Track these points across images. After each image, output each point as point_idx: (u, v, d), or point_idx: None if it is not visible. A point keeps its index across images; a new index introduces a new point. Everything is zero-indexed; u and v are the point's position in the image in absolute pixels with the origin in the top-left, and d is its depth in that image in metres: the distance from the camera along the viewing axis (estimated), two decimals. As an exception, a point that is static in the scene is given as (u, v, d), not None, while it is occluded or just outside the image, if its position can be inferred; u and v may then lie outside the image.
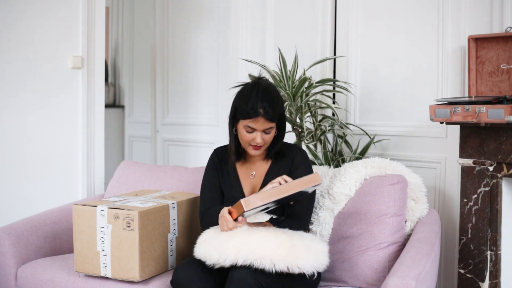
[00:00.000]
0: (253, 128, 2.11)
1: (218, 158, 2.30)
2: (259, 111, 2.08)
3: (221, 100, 3.74)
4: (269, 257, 1.91)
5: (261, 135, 2.12)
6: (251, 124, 2.10)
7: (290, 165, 2.22)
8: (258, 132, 2.11)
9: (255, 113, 2.08)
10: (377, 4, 2.94)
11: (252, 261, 1.91)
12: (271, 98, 2.11)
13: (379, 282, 2.23)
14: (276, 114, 2.10)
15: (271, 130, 2.13)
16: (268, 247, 1.92)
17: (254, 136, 2.12)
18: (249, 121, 2.10)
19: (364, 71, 2.99)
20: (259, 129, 2.11)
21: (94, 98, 3.14)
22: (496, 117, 2.19)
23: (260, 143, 2.12)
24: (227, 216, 2.00)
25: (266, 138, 2.14)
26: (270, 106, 2.09)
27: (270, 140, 2.16)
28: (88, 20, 3.09)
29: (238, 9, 3.44)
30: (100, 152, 3.18)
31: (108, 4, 4.81)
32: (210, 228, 2.12)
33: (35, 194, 2.97)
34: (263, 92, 2.11)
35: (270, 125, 2.11)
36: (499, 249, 2.38)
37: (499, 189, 2.35)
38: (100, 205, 2.20)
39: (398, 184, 2.32)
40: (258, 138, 2.11)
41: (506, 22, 2.47)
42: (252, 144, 2.14)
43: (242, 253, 1.92)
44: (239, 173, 2.27)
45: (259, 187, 2.23)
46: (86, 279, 2.23)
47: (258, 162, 2.27)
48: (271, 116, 2.09)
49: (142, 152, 4.76)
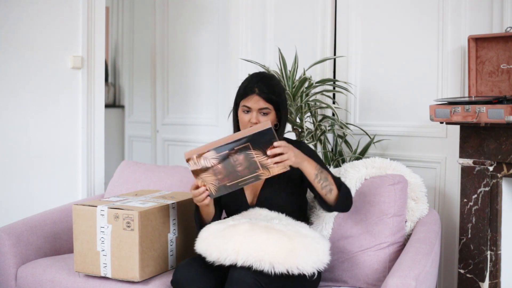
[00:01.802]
0: (248, 108, 2.15)
1: None
2: (254, 89, 2.14)
3: (221, 100, 3.74)
4: (268, 260, 1.90)
5: (256, 115, 2.14)
6: (246, 102, 2.15)
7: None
8: (253, 111, 2.15)
9: (251, 91, 2.14)
10: (377, 4, 2.94)
11: (251, 263, 1.91)
12: (269, 82, 2.18)
13: (379, 282, 2.23)
14: (272, 96, 2.14)
15: (268, 113, 2.15)
16: (268, 250, 1.91)
17: (249, 117, 2.15)
18: (245, 100, 2.16)
19: (364, 71, 2.99)
20: (254, 107, 2.14)
21: (94, 98, 3.14)
22: (496, 117, 2.19)
23: (254, 122, 2.14)
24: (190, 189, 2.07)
25: (262, 120, 2.15)
26: (266, 87, 2.14)
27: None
28: (88, 20, 3.09)
29: (238, 9, 3.44)
30: (100, 152, 3.18)
31: (108, 4, 4.81)
32: (212, 224, 2.11)
33: (35, 194, 2.97)
34: (261, 76, 2.20)
35: (266, 105, 2.14)
36: (499, 249, 2.38)
37: (499, 189, 2.35)
38: (100, 205, 2.20)
39: (398, 184, 2.33)
40: (253, 118, 2.14)
41: (506, 22, 2.47)
42: (248, 125, 2.15)
43: (241, 255, 1.92)
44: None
45: (262, 184, 2.22)
46: (86, 279, 2.23)
47: None
48: (266, 96, 2.13)
49: (142, 152, 4.76)
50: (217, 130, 3.80)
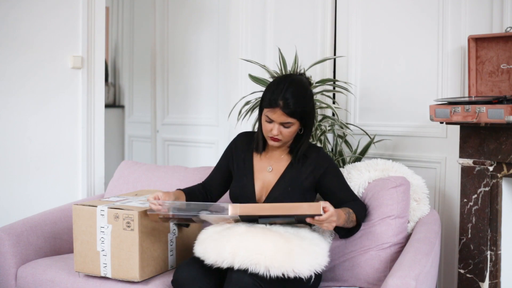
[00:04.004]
0: (271, 119, 2.11)
1: (240, 142, 2.31)
2: (278, 102, 2.08)
3: (221, 100, 3.74)
4: (264, 264, 1.90)
5: (278, 127, 2.11)
6: (269, 114, 2.10)
7: (313, 167, 2.20)
8: (275, 123, 2.11)
9: (275, 104, 2.08)
10: (377, 4, 2.94)
11: (247, 266, 1.91)
12: (296, 93, 2.09)
13: (380, 282, 2.23)
14: (296, 111, 2.08)
15: (290, 126, 2.11)
16: (264, 253, 1.91)
17: (272, 127, 2.12)
18: (268, 110, 2.10)
19: (364, 71, 2.99)
20: (276, 121, 2.10)
21: (94, 98, 3.14)
22: (496, 117, 2.19)
23: (275, 135, 2.11)
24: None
25: (284, 132, 2.12)
26: (292, 101, 2.07)
27: (289, 135, 2.14)
28: (88, 20, 3.10)
29: (238, 9, 3.44)
30: (100, 152, 3.18)
31: (108, 4, 4.81)
32: (211, 226, 2.12)
33: (35, 194, 2.97)
34: (289, 85, 2.10)
35: (288, 120, 2.09)
36: (499, 249, 2.38)
37: (499, 189, 2.35)
38: (100, 205, 2.20)
39: (401, 187, 2.32)
40: (275, 129, 2.11)
41: (506, 22, 2.47)
42: (269, 135, 2.14)
43: (238, 259, 1.92)
44: (255, 164, 2.25)
45: (274, 183, 2.21)
46: (86, 279, 2.23)
47: (278, 157, 2.24)
48: (290, 111, 2.07)
49: (142, 152, 4.76)
50: (217, 130, 3.80)
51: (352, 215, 2.14)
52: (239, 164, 2.27)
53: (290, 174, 2.20)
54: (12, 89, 2.90)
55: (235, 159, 2.29)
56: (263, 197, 2.21)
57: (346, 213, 2.10)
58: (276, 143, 2.15)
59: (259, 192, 2.22)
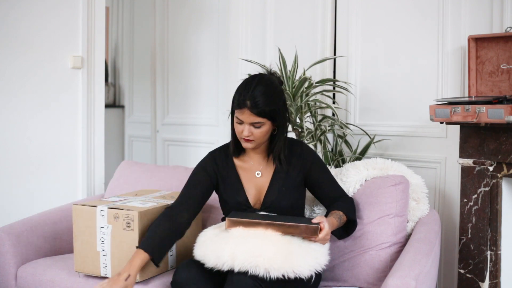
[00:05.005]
0: (241, 120, 2.08)
1: (215, 162, 2.23)
2: (246, 103, 2.04)
3: (221, 100, 3.74)
4: (264, 266, 1.89)
5: (248, 128, 2.08)
6: (239, 115, 2.07)
7: (301, 163, 2.19)
8: (246, 124, 2.08)
9: (243, 104, 2.05)
10: (377, 4, 2.94)
11: (247, 269, 1.90)
12: (265, 93, 2.06)
13: (380, 282, 2.23)
14: (265, 110, 2.05)
15: (261, 125, 2.08)
16: (264, 255, 1.90)
17: (242, 128, 2.09)
18: (237, 111, 2.08)
19: (364, 71, 3.00)
20: (246, 121, 2.07)
21: (94, 98, 3.14)
22: (496, 117, 2.19)
23: (246, 136, 2.08)
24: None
25: (255, 132, 2.08)
26: (259, 100, 2.04)
27: (260, 136, 2.10)
28: (88, 20, 3.09)
29: (238, 9, 3.45)
30: (100, 152, 3.18)
31: (108, 4, 4.81)
32: (209, 228, 2.12)
33: (35, 194, 2.97)
34: (257, 85, 2.07)
35: (258, 120, 2.06)
36: (499, 249, 2.38)
37: (499, 189, 2.35)
38: (100, 205, 2.20)
39: (400, 185, 2.32)
40: (246, 130, 2.08)
41: (506, 22, 2.47)
42: (241, 136, 2.11)
43: (238, 261, 1.91)
44: (241, 173, 2.22)
45: (266, 188, 2.19)
46: (86, 279, 2.23)
47: (261, 161, 2.22)
48: (258, 111, 2.04)
49: (142, 152, 4.76)
50: (217, 130, 3.80)
51: (343, 218, 2.15)
52: (223, 175, 2.22)
53: (280, 174, 2.18)
54: (12, 89, 2.90)
55: (219, 172, 2.22)
56: (259, 203, 2.19)
57: (337, 219, 2.11)
58: (249, 144, 2.12)
59: (253, 198, 2.19)
